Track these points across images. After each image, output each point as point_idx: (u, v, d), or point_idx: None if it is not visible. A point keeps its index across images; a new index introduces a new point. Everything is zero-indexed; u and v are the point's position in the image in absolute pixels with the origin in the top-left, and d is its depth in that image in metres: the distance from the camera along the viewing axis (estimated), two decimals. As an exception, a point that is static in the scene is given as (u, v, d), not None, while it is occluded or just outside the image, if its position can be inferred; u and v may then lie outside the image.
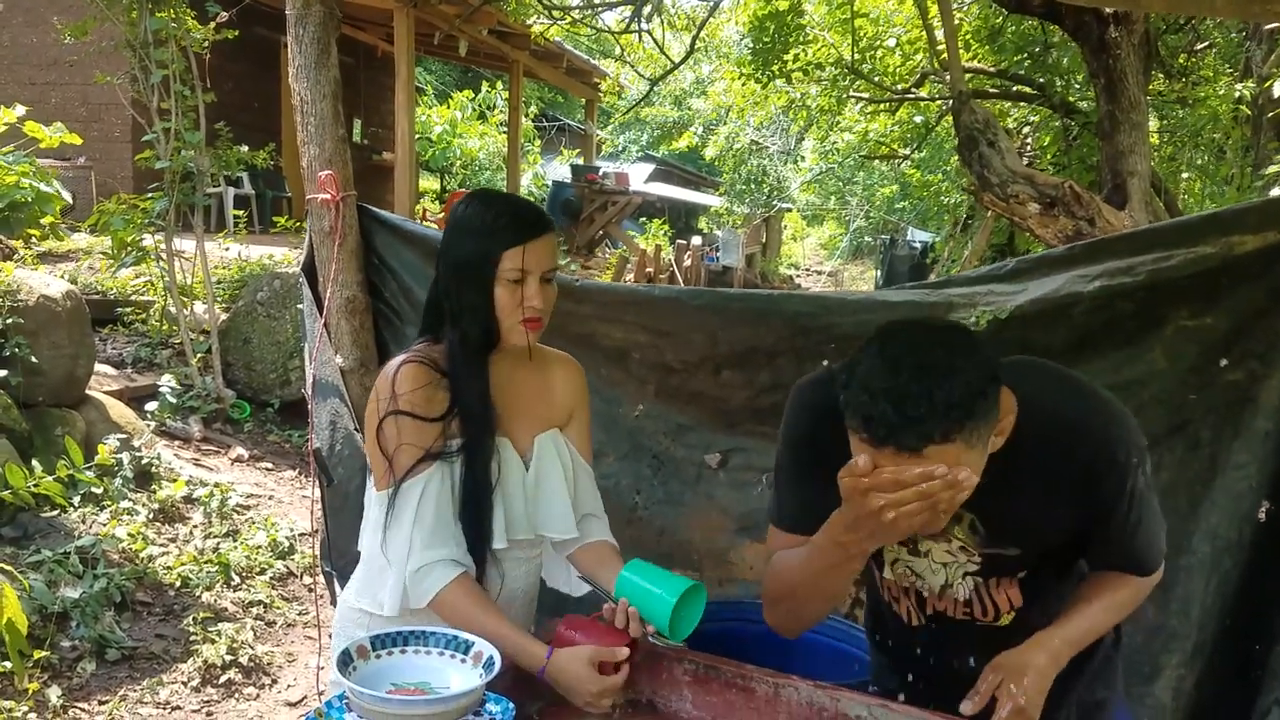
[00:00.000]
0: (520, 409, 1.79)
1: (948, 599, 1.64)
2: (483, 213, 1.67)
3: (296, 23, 2.55)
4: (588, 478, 1.90)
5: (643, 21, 9.30)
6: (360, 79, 13.80)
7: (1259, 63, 7.51)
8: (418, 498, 1.65)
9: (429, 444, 1.65)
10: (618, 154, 27.21)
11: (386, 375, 1.68)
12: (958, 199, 11.61)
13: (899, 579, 1.67)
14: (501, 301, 1.66)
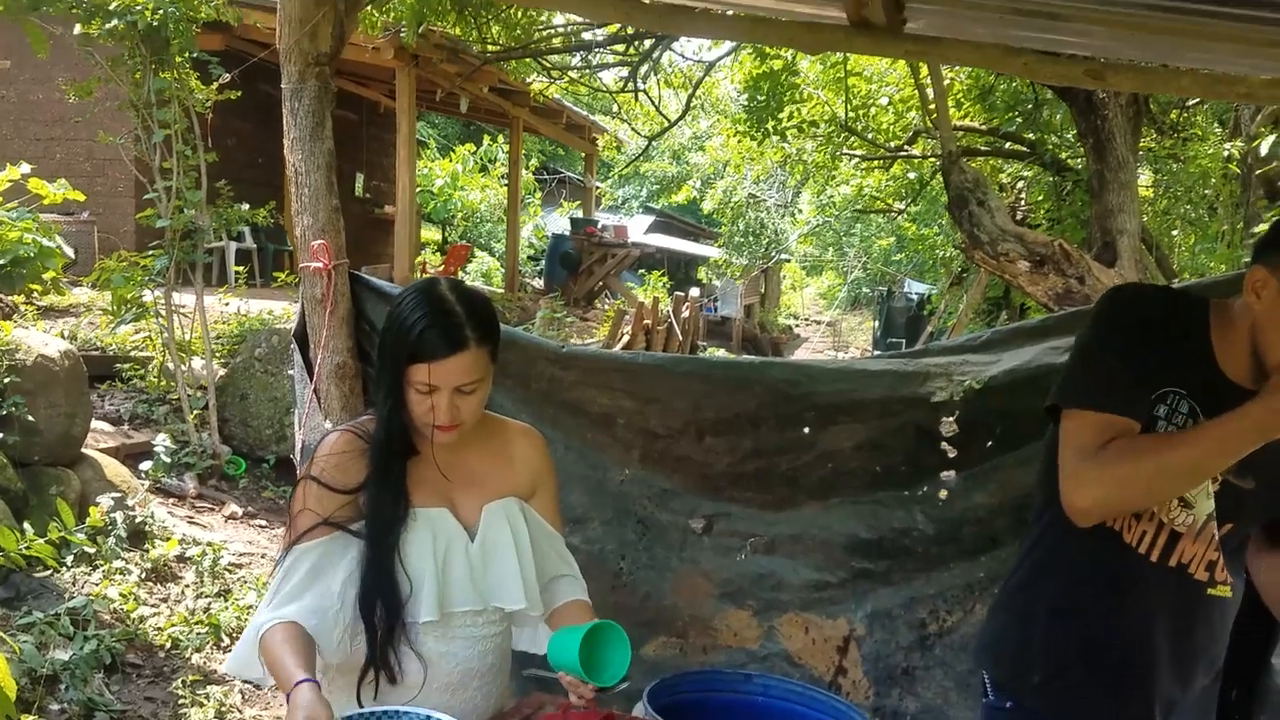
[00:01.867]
0: (469, 479, 1.78)
1: (1204, 539, 1.64)
2: (403, 318, 1.63)
3: (292, 96, 2.62)
4: (555, 542, 1.89)
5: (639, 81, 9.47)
6: (363, 134, 14.00)
7: (1247, 121, 7.63)
8: (303, 565, 1.64)
9: (330, 512, 1.65)
10: (618, 206, 27.47)
11: (318, 442, 1.72)
12: (952, 253, 11.71)
13: (1160, 509, 1.65)
14: (412, 405, 1.65)
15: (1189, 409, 1.61)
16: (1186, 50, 2.24)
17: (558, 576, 1.89)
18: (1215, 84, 2.28)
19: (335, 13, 2.58)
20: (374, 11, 7.88)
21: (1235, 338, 1.61)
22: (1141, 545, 1.67)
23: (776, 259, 21.07)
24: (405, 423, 1.69)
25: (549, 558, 1.87)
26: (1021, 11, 2.12)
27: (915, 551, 2.80)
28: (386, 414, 1.68)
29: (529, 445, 1.90)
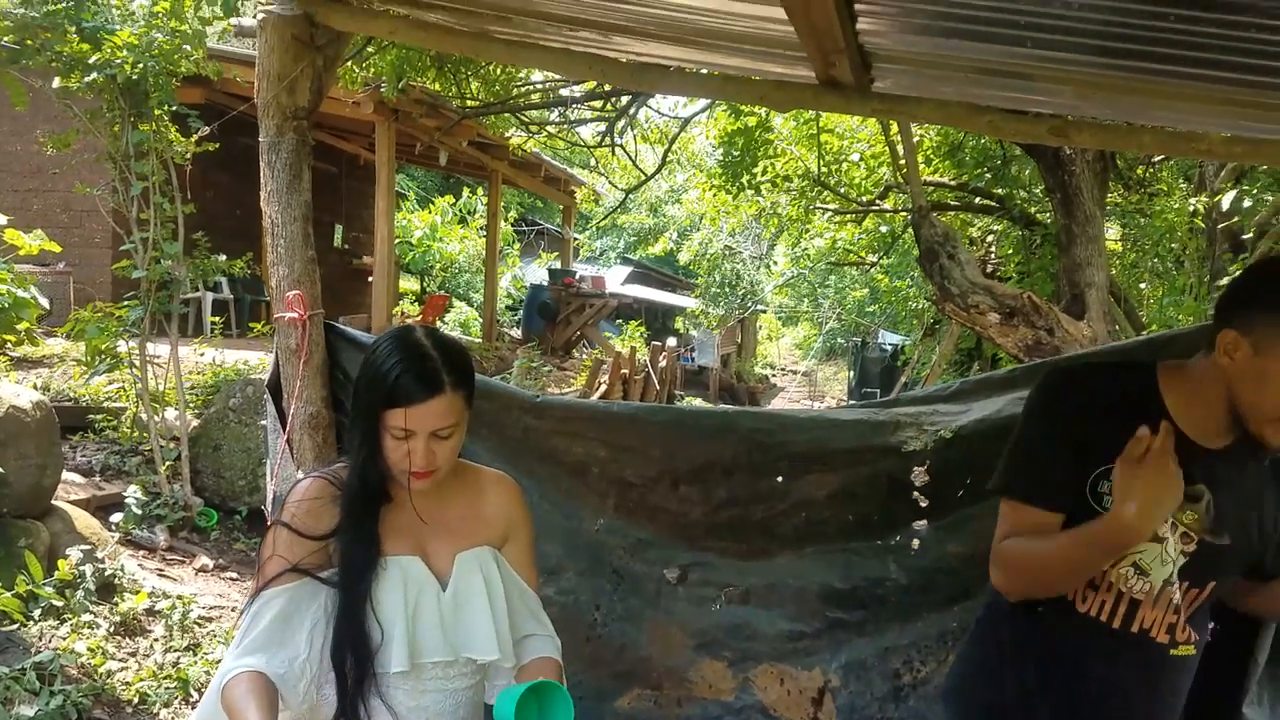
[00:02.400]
0: (442, 528, 1.77)
1: (1162, 604, 1.68)
2: (379, 364, 1.64)
3: (269, 149, 2.64)
4: (528, 598, 1.87)
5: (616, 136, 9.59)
6: (342, 186, 14.08)
7: (1211, 177, 7.80)
8: (270, 611, 1.62)
9: (299, 559, 1.64)
10: (596, 257, 27.66)
11: (291, 487, 1.72)
12: (925, 305, 11.84)
13: (1117, 579, 1.69)
14: (388, 452, 1.65)
15: None
16: (1149, 109, 2.32)
17: (528, 636, 1.86)
18: (1176, 141, 2.34)
19: (314, 68, 2.62)
20: (354, 67, 7.98)
21: (1198, 399, 1.64)
22: (1102, 614, 1.71)
23: (753, 310, 21.23)
24: (380, 469, 1.69)
25: (521, 614, 1.85)
26: (986, 71, 2.18)
27: (889, 601, 2.80)
28: (361, 460, 1.68)
29: (503, 493, 1.90)
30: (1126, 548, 1.59)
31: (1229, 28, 1.52)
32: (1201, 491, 1.64)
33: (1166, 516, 1.60)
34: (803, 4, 1.74)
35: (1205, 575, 1.67)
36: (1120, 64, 1.88)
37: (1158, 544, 1.67)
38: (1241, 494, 1.67)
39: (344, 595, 1.66)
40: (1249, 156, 2.41)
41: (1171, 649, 1.70)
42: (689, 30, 2.29)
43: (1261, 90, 1.85)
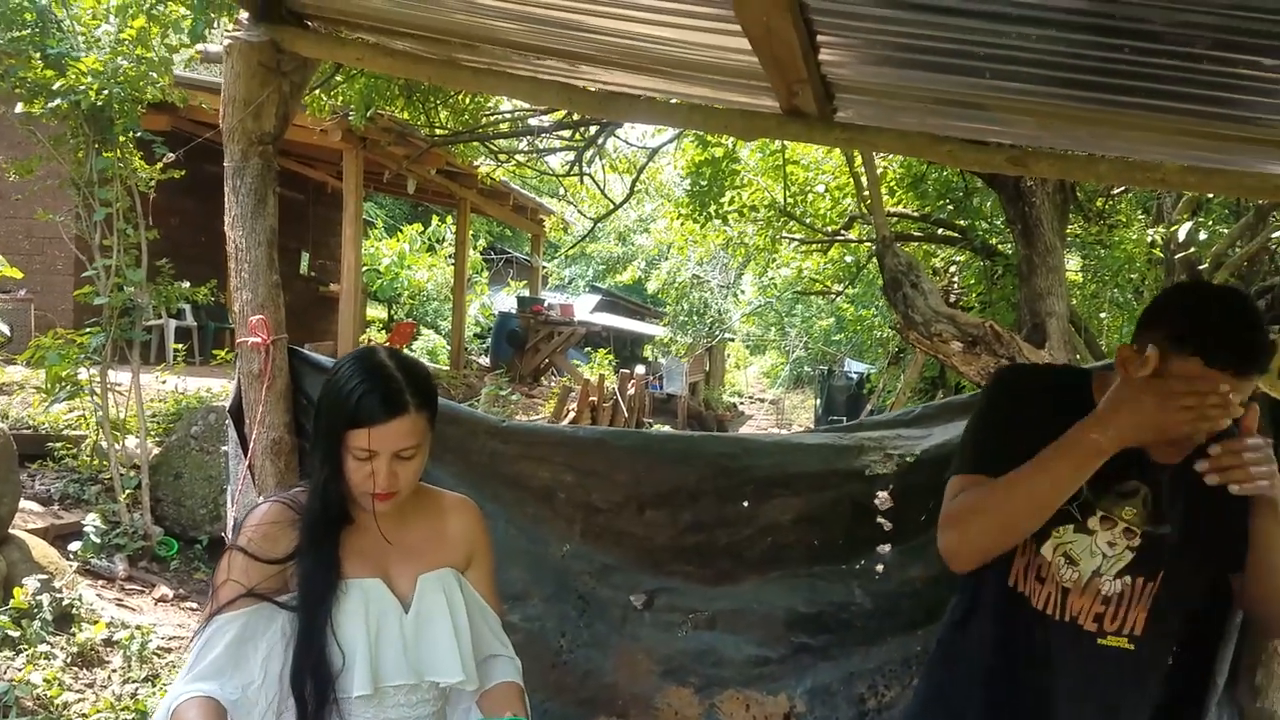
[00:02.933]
0: (404, 550, 1.76)
1: (1090, 594, 1.73)
2: (341, 385, 1.64)
3: (234, 174, 2.64)
4: (490, 618, 1.87)
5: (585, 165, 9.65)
6: (309, 213, 14.03)
7: (1169, 208, 7.96)
8: (224, 637, 1.60)
9: (255, 583, 1.62)
10: (565, 286, 27.68)
11: (248, 511, 1.70)
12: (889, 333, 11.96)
13: (1053, 569, 1.76)
14: (351, 474, 1.65)
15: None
16: (1105, 139, 2.37)
17: (492, 656, 1.86)
18: (1132, 170, 2.39)
19: (280, 94, 2.62)
20: (322, 95, 7.98)
21: None
22: (1042, 603, 1.78)
23: (720, 338, 21.30)
24: (341, 490, 1.68)
25: (483, 634, 1.85)
26: (946, 101, 2.23)
27: (854, 626, 2.81)
28: (323, 482, 1.67)
29: (465, 516, 1.90)
30: (1091, 455, 1.61)
31: (1181, 59, 1.56)
32: (1137, 487, 1.72)
33: (1136, 440, 1.63)
34: (766, 35, 1.78)
35: (1154, 567, 1.72)
36: (1076, 94, 1.93)
37: (1088, 536, 1.74)
38: (1185, 480, 1.69)
39: (304, 619, 1.64)
40: (1203, 186, 2.47)
41: (1099, 638, 1.74)
42: (655, 60, 2.32)
43: (1213, 121, 1.90)
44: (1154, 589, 1.73)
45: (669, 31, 2.03)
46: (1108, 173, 2.42)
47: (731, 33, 1.83)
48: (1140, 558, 1.72)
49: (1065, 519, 1.75)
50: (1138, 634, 1.74)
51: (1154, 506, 1.72)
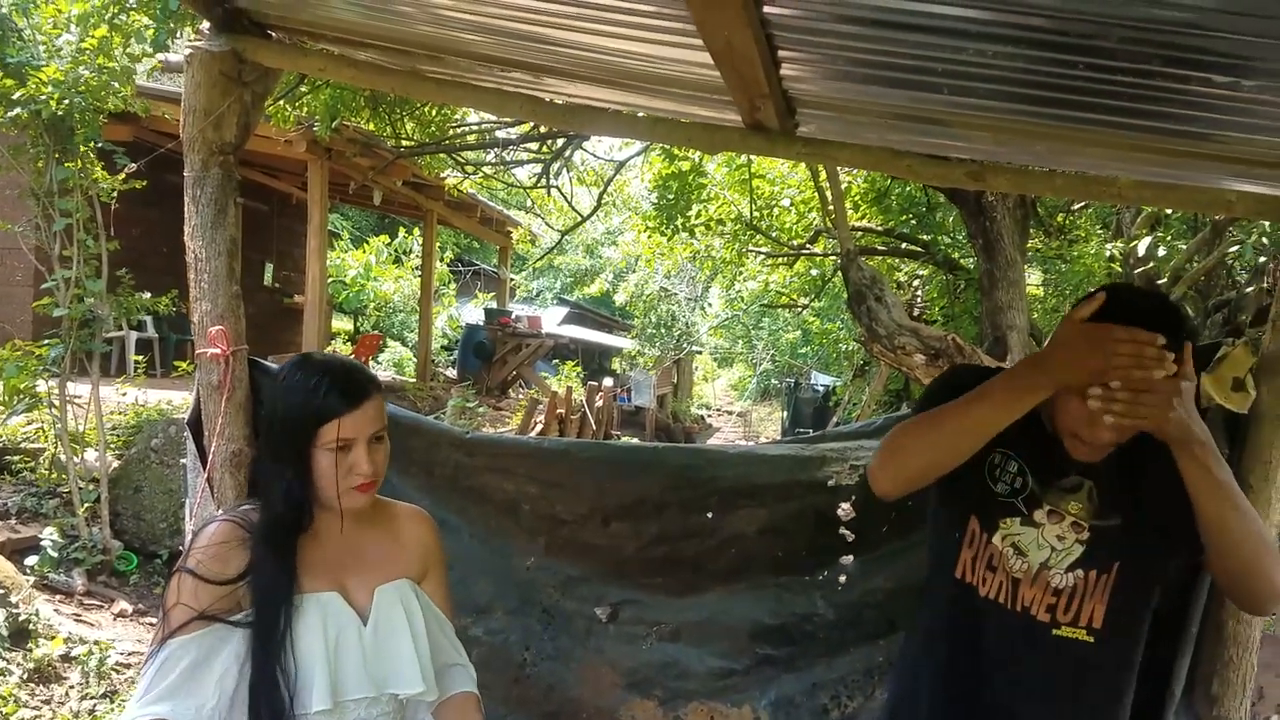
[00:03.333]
0: (359, 563, 1.76)
1: (1040, 585, 1.76)
2: (301, 384, 1.65)
3: (194, 184, 2.61)
4: (447, 628, 1.87)
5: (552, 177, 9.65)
6: (273, 224, 13.91)
7: (1128, 224, 8.09)
8: (180, 660, 1.57)
9: (206, 606, 1.59)
10: (532, 298, 27.63)
11: (196, 532, 1.67)
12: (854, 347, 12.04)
13: (1001, 560, 1.79)
14: (323, 470, 1.64)
15: (1018, 467, 1.79)
16: (1062, 154, 2.41)
17: (449, 665, 1.86)
18: (1088, 185, 2.43)
19: (241, 104, 2.60)
20: (287, 106, 7.93)
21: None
22: (993, 592, 1.80)
23: (688, 350, 21.36)
24: (308, 495, 1.67)
25: (441, 644, 1.85)
26: (905, 116, 2.25)
27: (817, 637, 2.82)
28: (285, 489, 1.65)
29: (419, 527, 1.91)
30: (1026, 390, 1.65)
31: (1135, 76, 1.59)
32: (1080, 481, 1.76)
33: (1075, 379, 1.64)
34: (728, 50, 1.79)
35: (1107, 560, 1.75)
36: (1033, 110, 1.95)
37: (1034, 529, 1.78)
38: (1132, 473, 1.74)
39: (262, 636, 1.61)
40: (1157, 200, 2.51)
41: (1054, 629, 1.76)
42: (620, 73, 2.33)
43: (1167, 137, 1.94)
44: (1109, 581, 1.75)
45: (633, 45, 2.04)
46: (1064, 187, 2.46)
47: (695, 47, 1.84)
48: (1091, 551, 1.75)
49: (1011, 511, 1.80)
50: (1097, 627, 1.75)
51: (1099, 500, 1.75)
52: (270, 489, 1.68)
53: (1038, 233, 8.54)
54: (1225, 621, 2.12)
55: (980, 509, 1.83)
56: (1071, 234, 9.09)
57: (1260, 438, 2.11)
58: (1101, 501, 1.75)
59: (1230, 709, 2.15)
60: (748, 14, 1.61)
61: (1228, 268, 8.12)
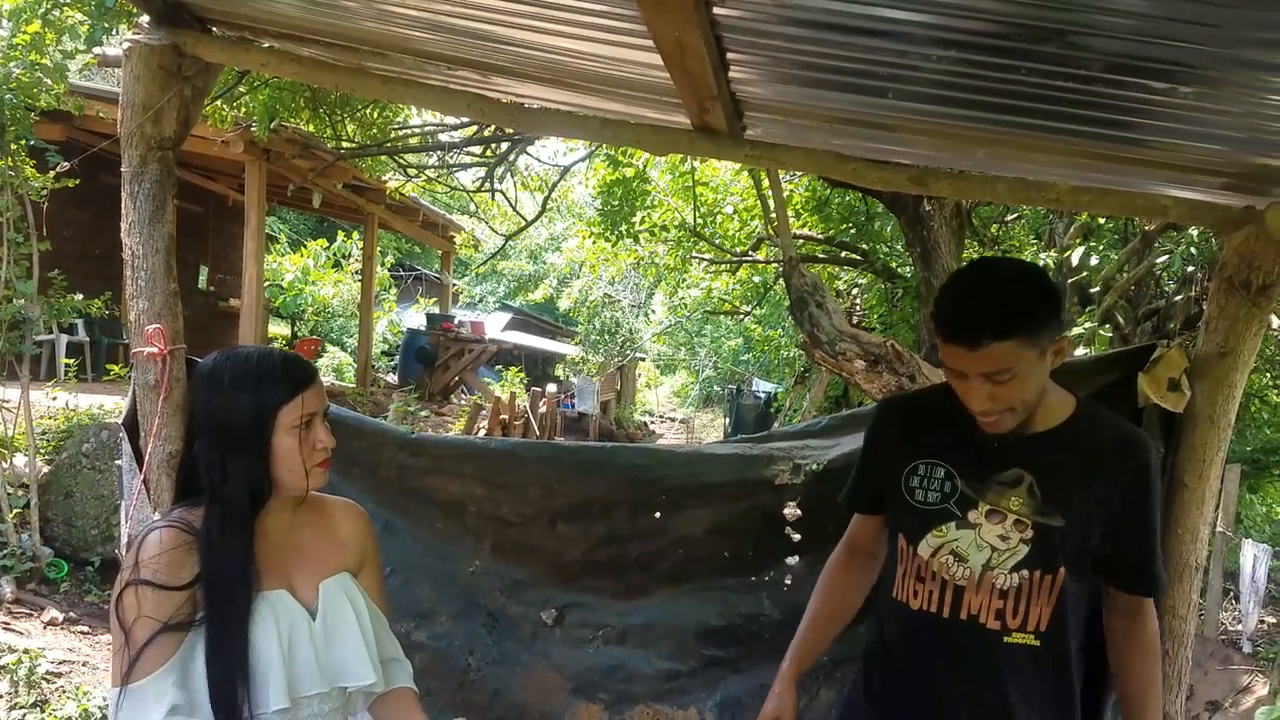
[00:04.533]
0: (301, 558, 1.75)
1: (985, 589, 1.75)
2: (245, 372, 1.64)
3: (132, 179, 2.55)
4: (383, 622, 1.87)
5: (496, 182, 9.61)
6: (209, 227, 13.65)
7: (1061, 234, 8.27)
8: (164, 697, 1.53)
9: (169, 615, 1.55)
10: (475, 303, 27.44)
11: (134, 543, 1.61)
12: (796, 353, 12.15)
13: (940, 569, 1.79)
14: (287, 452, 1.64)
15: (945, 472, 1.83)
16: (1003, 159, 2.45)
17: (388, 660, 1.86)
18: (1027, 190, 2.47)
19: (181, 98, 2.54)
20: (224, 106, 7.78)
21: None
22: (930, 605, 1.81)
23: (632, 357, 21.38)
24: (267, 482, 1.66)
25: (381, 638, 1.85)
26: (851, 121, 2.28)
27: (763, 638, 2.83)
28: (245, 476, 1.63)
29: (354, 519, 1.91)
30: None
31: (1076, 81, 1.63)
32: (1020, 475, 1.77)
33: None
34: (678, 50, 1.80)
35: (1052, 560, 1.75)
36: (976, 115, 1.99)
37: (971, 530, 1.78)
38: (1073, 473, 1.76)
39: (221, 637, 1.59)
40: (1095, 206, 2.57)
41: (1005, 636, 1.76)
42: (569, 73, 2.32)
43: (1106, 143, 1.99)
44: (1055, 583, 1.75)
45: (583, 45, 2.04)
46: (1004, 192, 2.50)
47: (644, 48, 1.85)
48: (1036, 551, 1.75)
49: (943, 518, 1.80)
50: (1044, 630, 1.76)
51: (1041, 496, 1.75)
52: (221, 483, 1.64)
53: (972, 242, 8.68)
54: (1161, 617, 2.17)
55: (905, 526, 1.87)
56: (1005, 244, 9.26)
57: (1194, 437, 2.17)
58: (1044, 497, 1.75)
59: (1166, 702, 2.20)
60: (698, 14, 1.62)
61: (1156, 277, 8.34)
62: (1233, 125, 1.76)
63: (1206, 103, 1.64)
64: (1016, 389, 1.66)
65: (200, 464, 1.66)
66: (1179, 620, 2.20)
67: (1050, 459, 1.77)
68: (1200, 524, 2.18)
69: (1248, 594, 6.04)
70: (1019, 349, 1.62)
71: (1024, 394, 1.67)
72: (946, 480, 1.81)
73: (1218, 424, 2.15)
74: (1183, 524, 2.19)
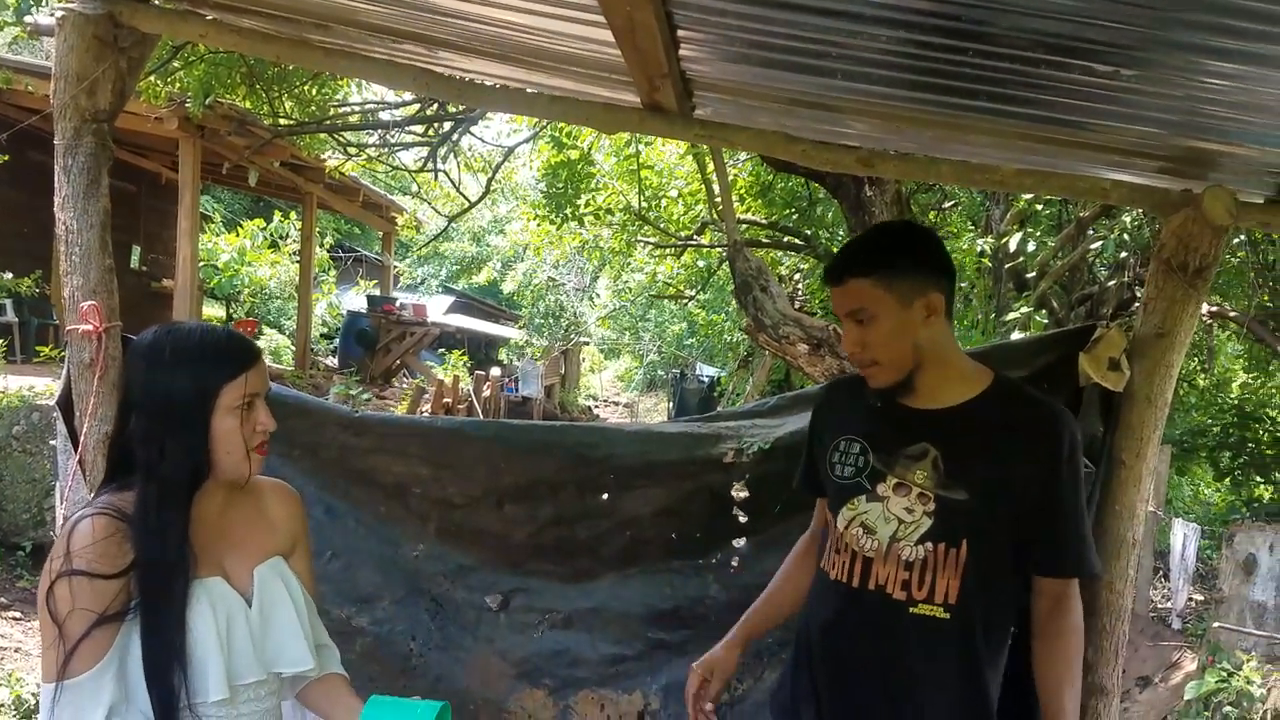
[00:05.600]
0: (235, 543, 1.71)
1: (893, 560, 1.79)
2: (187, 348, 1.60)
3: (65, 153, 2.47)
4: (313, 607, 1.84)
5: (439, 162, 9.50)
6: (141, 205, 13.31)
7: (997, 220, 8.41)
8: (104, 691, 1.49)
9: (105, 606, 1.50)
10: (417, 286, 27.13)
11: (63, 533, 1.54)
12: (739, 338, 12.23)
13: (850, 540, 1.84)
14: (227, 433, 1.60)
15: (860, 448, 1.89)
16: (948, 142, 2.48)
17: (319, 646, 1.83)
18: (971, 172, 2.50)
19: (116, 70, 2.47)
20: (157, 81, 7.58)
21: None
22: (842, 574, 1.87)
23: (576, 341, 21.33)
24: (200, 468, 1.61)
25: (315, 622, 1.82)
26: (799, 102, 2.29)
27: (709, 620, 2.82)
28: (184, 456, 1.59)
29: (286, 501, 1.87)
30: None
31: (1021, 63, 1.65)
32: (925, 449, 1.82)
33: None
34: (629, 26, 1.78)
35: (956, 533, 1.79)
36: (923, 97, 2.01)
37: (879, 503, 1.83)
38: (980, 448, 1.81)
39: (158, 624, 1.54)
40: (1037, 187, 2.61)
41: (910, 607, 1.80)
42: (517, 49, 2.30)
43: (1049, 125, 2.02)
44: (960, 557, 1.78)
45: (532, 19, 2.01)
46: (949, 173, 2.53)
47: (594, 24, 1.83)
48: (940, 523, 1.79)
49: (857, 490, 1.86)
50: (952, 603, 1.79)
51: (945, 469, 1.79)
52: (158, 462, 1.58)
53: (910, 229, 8.77)
54: (1099, 592, 2.23)
55: (830, 500, 1.95)
56: (943, 230, 9.39)
57: (1133, 417, 2.23)
58: (947, 471, 1.79)
59: (1104, 675, 2.25)
60: (651, -11, 1.61)
61: (1090, 264, 8.53)
62: (1171, 108, 1.80)
63: (1146, 85, 1.67)
64: (879, 334, 1.78)
65: (136, 442, 1.60)
66: (1115, 595, 2.25)
67: (957, 434, 1.81)
68: (1137, 501, 2.24)
69: (1177, 572, 6.22)
70: (875, 289, 1.77)
71: (887, 344, 1.79)
72: (861, 455, 1.88)
73: (1155, 404, 2.21)
74: (1120, 501, 2.24)
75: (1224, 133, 1.89)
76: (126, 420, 1.64)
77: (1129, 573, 2.27)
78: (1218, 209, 2.05)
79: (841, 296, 1.81)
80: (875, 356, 1.79)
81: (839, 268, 1.82)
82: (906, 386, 1.83)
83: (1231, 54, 1.48)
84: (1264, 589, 5.00)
